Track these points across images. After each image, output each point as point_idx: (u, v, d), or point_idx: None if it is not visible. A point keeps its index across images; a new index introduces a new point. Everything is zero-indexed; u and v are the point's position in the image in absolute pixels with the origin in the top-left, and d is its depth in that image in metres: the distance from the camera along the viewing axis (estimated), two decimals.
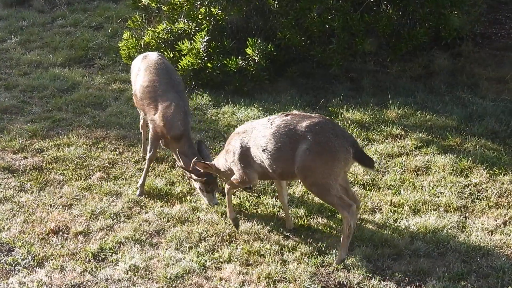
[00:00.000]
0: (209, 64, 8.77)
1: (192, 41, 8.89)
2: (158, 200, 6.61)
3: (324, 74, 9.47)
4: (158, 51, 8.39)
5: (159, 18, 10.07)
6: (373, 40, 9.02)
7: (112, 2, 12.77)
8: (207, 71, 8.88)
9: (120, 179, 6.99)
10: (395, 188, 6.72)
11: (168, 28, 9.18)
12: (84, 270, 5.56)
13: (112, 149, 7.58)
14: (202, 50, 8.75)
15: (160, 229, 6.14)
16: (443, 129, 7.89)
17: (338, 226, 6.10)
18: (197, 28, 9.03)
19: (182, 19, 9.32)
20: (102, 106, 8.75)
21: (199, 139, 6.91)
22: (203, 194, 6.45)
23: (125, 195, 6.66)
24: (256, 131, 5.74)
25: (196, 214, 6.36)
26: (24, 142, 7.65)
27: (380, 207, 6.44)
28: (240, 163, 5.84)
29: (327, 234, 6.05)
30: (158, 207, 6.47)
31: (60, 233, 6.07)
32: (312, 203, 6.48)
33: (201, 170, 6.20)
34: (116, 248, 5.85)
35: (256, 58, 8.58)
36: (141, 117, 7.27)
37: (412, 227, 6.08)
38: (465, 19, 9.56)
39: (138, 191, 6.69)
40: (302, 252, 5.76)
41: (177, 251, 5.80)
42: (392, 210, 6.36)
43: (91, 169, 7.15)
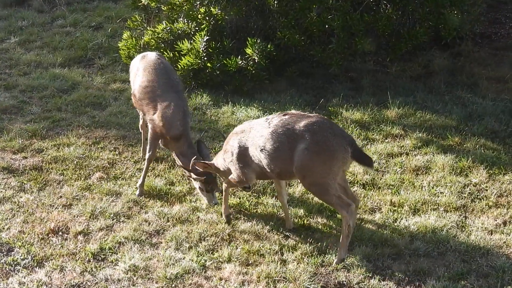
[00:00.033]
0: (208, 64, 8.76)
1: (191, 41, 8.88)
2: (157, 200, 6.61)
3: (324, 74, 9.46)
4: (157, 51, 8.40)
5: (158, 18, 10.06)
6: (372, 40, 9.00)
7: (111, 2, 12.76)
8: (207, 71, 8.87)
9: (120, 179, 6.98)
10: (395, 188, 6.72)
11: (168, 28, 9.17)
12: (84, 270, 5.56)
13: (112, 149, 7.58)
14: (202, 50, 8.75)
15: (160, 229, 6.14)
16: (442, 128, 7.89)
17: (338, 226, 6.09)
18: (196, 28, 9.02)
19: (181, 19, 9.31)
20: (101, 106, 8.75)
21: (198, 139, 6.90)
22: (203, 193, 6.45)
23: (124, 195, 6.66)
24: (254, 131, 5.73)
25: (196, 214, 6.36)
26: (23, 142, 7.65)
27: (380, 206, 6.44)
28: (238, 163, 5.84)
29: (326, 234, 6.05)
30: (158, 207, 6.47)
31: (60, 233, 6.07)
32: (312, 203, 6.48)
33: (200, 169, 6.20)
34: (116, 248, 5.85)
35: (256, 58, 8.57)
36: (140, 117, 7.26)
37: (412, 226, 6.08)
38: (464, 19, 9.55)
39: (138, 191, 6.69)
40: (302, 251, 5.76)
41: (177, 251, 5.80)
42: (391, 210, 6.36)
43: (90, 169, 7.14)
